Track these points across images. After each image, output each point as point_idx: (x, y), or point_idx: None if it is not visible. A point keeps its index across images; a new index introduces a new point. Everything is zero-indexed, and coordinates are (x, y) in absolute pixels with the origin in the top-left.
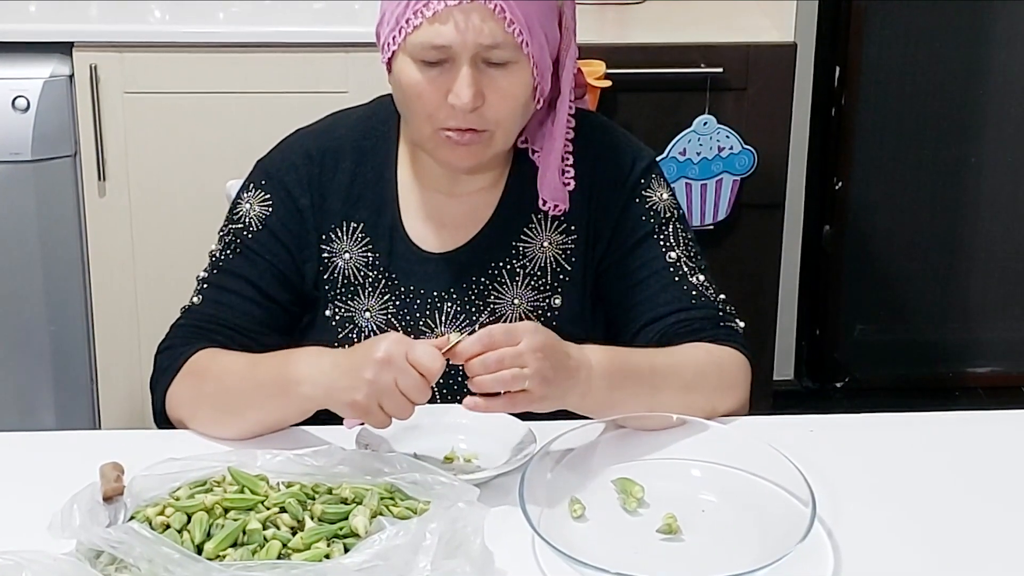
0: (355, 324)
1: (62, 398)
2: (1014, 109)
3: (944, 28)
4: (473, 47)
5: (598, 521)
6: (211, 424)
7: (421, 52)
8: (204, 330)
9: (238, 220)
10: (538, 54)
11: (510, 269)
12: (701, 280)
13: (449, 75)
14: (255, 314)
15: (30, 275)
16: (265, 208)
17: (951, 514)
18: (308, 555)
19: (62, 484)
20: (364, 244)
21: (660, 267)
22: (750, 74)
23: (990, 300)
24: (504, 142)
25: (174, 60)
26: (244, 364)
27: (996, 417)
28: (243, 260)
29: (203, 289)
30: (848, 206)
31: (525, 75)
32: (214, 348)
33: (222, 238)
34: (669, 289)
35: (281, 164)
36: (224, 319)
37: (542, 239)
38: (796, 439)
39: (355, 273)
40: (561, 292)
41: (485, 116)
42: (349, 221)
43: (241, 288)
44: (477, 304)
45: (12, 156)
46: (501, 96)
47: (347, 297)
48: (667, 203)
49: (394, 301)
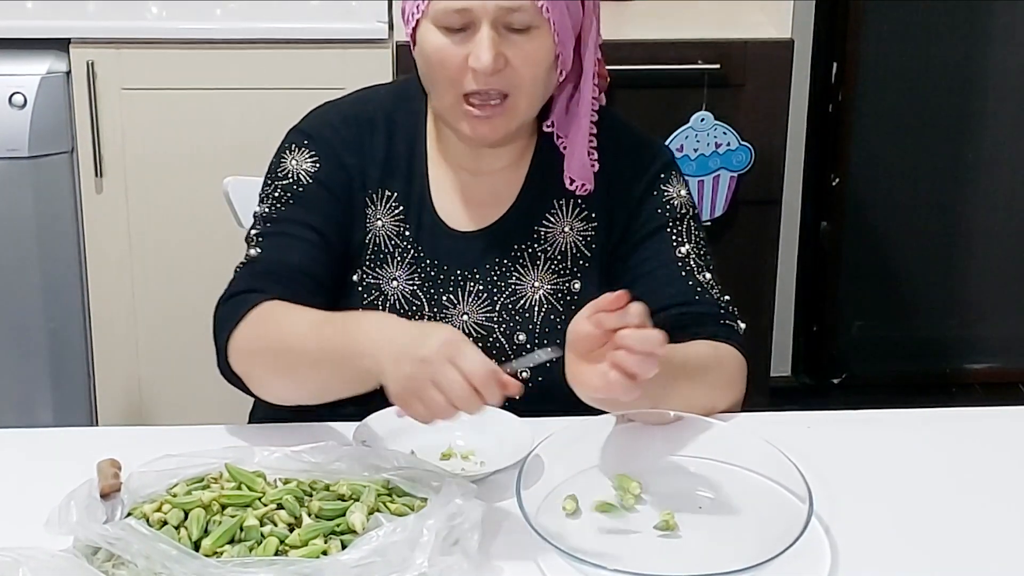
0: (381, 292)
1: (59, 395)
2: (1011, 105)
3: (942, 24)
4: (494, 11)
5: (595, 518)
6: (270, 381)
7: (444, 18)
8: (269, 274)
9: (285, 176)
10: (559, 21)
11: (532, 252)
12: (708, 279)
13: (471, 40)
14: (318, 257)
15: (27, 272)
16: (313, 163)
17: (948, 510)
18: (305, 551)
19: (59, 481)
20: (397, 214)
21: (669, 260)
22: (747, 70)
23: (988, 296)
24: (527, 110)
25: (171, 56)
26: (310, 323)
27: (993, 413)
28: (299, 208)
29: (260, 241)
30: (846, 202)
31: (547, 41)
32: (278, 301)
33: (269, 195)
34: (675, 283)
35: (321, 126)
36: (291, 262)
37: (564, 224)
38: (793, 435)
39: (386, 241)
40: (581, 277)
41: (507, 80)
42: (384, 189)
43: (303, 233)
44: (499, 285)
45: (9, 152)
46: (522, 60)
47: (376, 264)
48: (684, 200)
49: (419, 274)
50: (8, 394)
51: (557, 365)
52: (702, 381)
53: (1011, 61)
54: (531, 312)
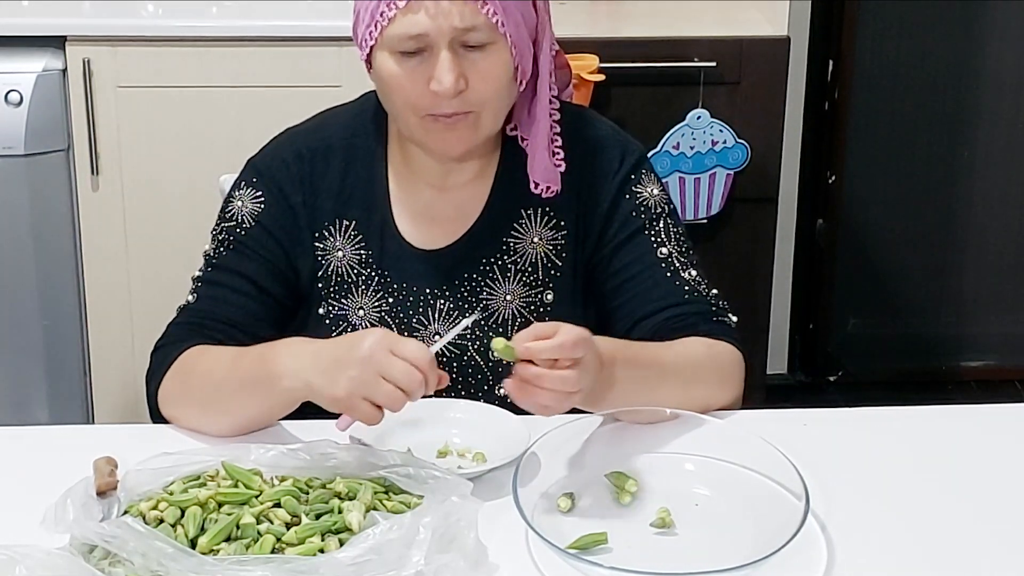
0: (348, 322)
1: (55, 392)
2: (1006, 103)
3: (937, 23)
4: (449, 32)
5: (592, 515)
6: (198, 420)
7: (399, 43)
8: (199, 326)
9: (231, 218)
10: (515, 33)
11: (501, 265)
12: (693, 275)
13: (429, 63)
14: (250, 308)
15: (23, 269)
16: (257, 205)
17: (944, 507)
18: (302, 549)
19: (55, 479)
20: (357, 242)
21: (652, 262)
22: (743, 68)
23: (983, 294)
24: (491, 124)
25: (167, 54)
26: (228, 359)
27: (989, 411)
28: (237, 256)
29: (197, 287)
30: (841, 200)
31: (504, 55)
32: (205, 344)
33: (215, 236)
34: (661, 285)
35: (272, 162)
36: (219, 314)
37: (532, 235)
38: (789, 433)
39: (348, 271)
40: (553, 288)
41: (469, 99)
42: (341, 219)
43: (235, 283)
44: (470, 301)
45: (5, 150)
46: (482, 78)
47: (341, 295)
48: (658, 198)
49: (387, 299)
50: (4, 391)
51: None
52: (697, 381)
53: (1006, 59)
54: (504, 327)
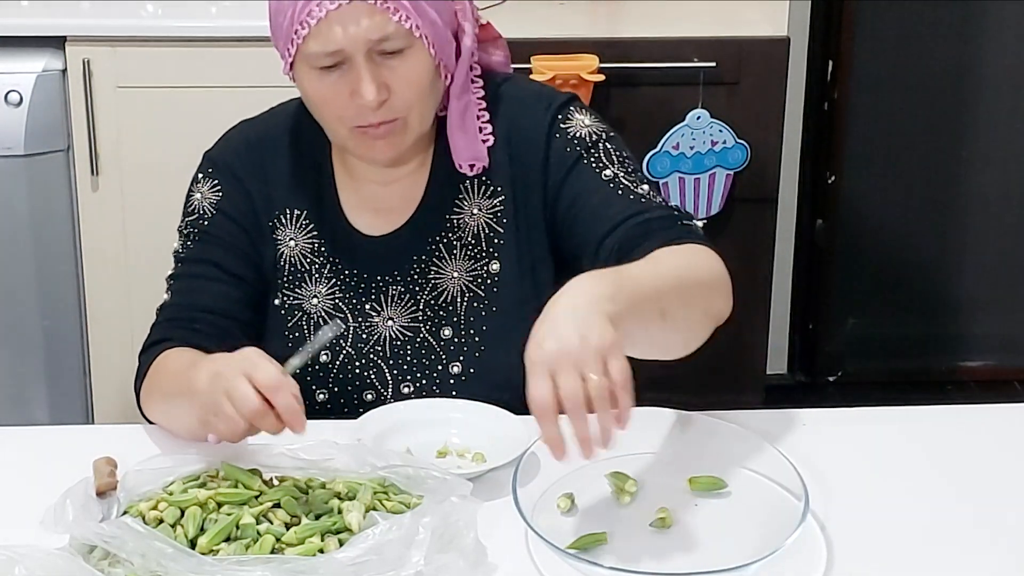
0: (303, 311)
1: (55, 393)
2: (1005, 104)
3: (936, 23)
4: (364, 44)
5: (591, 515)
6: (168, 424)
7: (316, 60)
8: (179, 321)
9: (192, 211)
10: (431, 31)
11: (447, 243)
12: (646, 190)
13: (349, 76)
14: (224, 292)
15: (23, 270)
16: (216, 194)
17: (943, 508)
18: (301, 549)
19: (55, 479)
20: (308, 231)
21: (597, 187)
22: (743, 68)
23: (982, 294)
24: (420, 125)
25: (167, 54)
26: (180, 366)
27: (988, 411)
28: (203, 246)
29: (171, 285)
30: (841, 200)
31: (423, 56)
32: (178, 347)
33: (181, 232)
34: (614, 202)
35: (225, 152)
36: (195, 304)
37: (471, 207)
38: (789, 433)
39: (301, 260)
40: (498, 256)
41: (394, 107)
42: (292, 208)
43: (206, 271)
44: (420, 283)
45: (5, 150)
46: (405, 84)
47: (294, 285)
48: (590, 128)
49: (340, 286)
50: (4, 392)
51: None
52: (693, 293)
53: (1005, 59)
54: (454, 304)
